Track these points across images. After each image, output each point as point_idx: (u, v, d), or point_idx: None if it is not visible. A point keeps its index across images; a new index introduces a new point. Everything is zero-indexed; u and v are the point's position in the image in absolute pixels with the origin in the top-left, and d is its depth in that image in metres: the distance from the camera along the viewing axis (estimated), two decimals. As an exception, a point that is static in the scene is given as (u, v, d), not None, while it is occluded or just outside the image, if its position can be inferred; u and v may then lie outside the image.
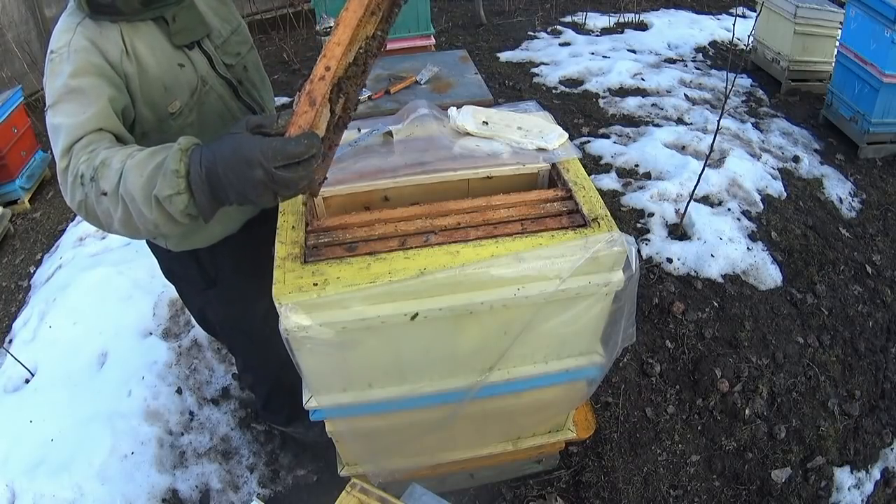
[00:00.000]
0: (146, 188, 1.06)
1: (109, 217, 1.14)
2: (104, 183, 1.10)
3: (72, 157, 1.16)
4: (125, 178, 1.08)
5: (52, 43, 1.27)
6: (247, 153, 0.99)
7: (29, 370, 2.47)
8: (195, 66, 1.42)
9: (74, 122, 1.18)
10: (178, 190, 1.04)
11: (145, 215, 1.08)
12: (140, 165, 1.08)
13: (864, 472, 2.32)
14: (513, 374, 1.49)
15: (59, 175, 1.19)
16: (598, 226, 1.34)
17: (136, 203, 1.08)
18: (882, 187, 3.63)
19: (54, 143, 1.21)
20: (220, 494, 2.15)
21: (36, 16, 4.66)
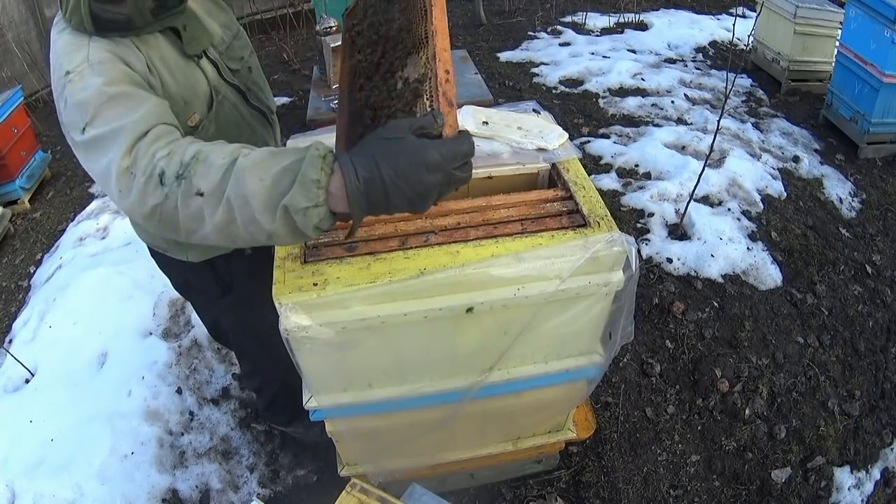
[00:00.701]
0: (271, 195, 0.93)
1: (198, 221, 0.99)
2: (201, 181, 0.97)
3: (138, 156, 1.01)
4: (238, 179, 0.95)
5: (63, 64, 1.15)
6: (427, 157, 0.90)
7: (29, 370, 2.47)
8: (207, 76, 1.40)
9: (133, 118, 1.06)
10: (317, 202, 0.93)
11: (260, 224, 0.95)
12: (259, 167, 0.95)
13: (864, 472, 2.32)
14: (513, 374, 1.49)
15: (118, 180, 1.02)
16: (598, 226, 1.34)
17: (250, 209, 0.95)
18: (882, 187, 3.63)
19: (104, 151, 1.05)
20: (220, 494, 2.15)
21: (36, 16, 4.66)
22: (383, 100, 1.13)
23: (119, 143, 1.03)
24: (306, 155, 0.94)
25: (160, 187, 0.99)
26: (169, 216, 1.01)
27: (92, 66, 1.14)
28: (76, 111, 1.10)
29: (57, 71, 1.17)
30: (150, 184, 0.99)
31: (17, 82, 4.23)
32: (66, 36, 1.21)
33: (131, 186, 1.01)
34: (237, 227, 0.97)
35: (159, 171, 0.99)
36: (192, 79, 1.36)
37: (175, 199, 0.99)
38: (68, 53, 1.17)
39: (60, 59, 1.17)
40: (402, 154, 0.91)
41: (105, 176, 1.06)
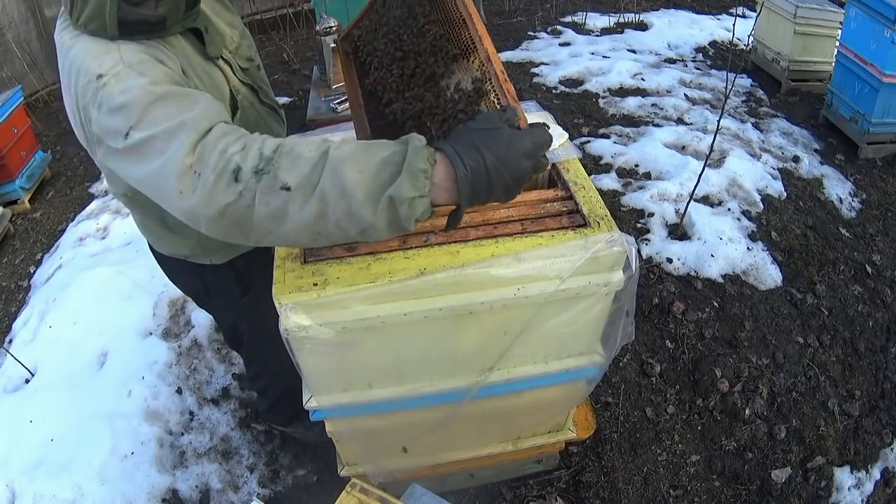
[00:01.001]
0: (373, 186, 0.92)
1: (278, 219, 0.95)
2: (287, 175, 0.93)
3: (204, 153, 0.95)
4: (335, 171, 0.92)
5: (92, 68, 1.07)
6: (524, 146, 0.96)
7: (29, 370, 2.47)
8: (226, 77, 1.39)
9: (192, 115, 0.99)
10: (423, 192, 0.93)
11: (359, 216, 0.93)
12: (357, 158, 0.93)
13: (864, 472, 2.32)
14: (513, 374, 1.49)
15: (179, 180, 0.96)
16: (598, 226, 1.34)
17: (348, 201, 0.92)
18: (882, 187, 3.63)
19: (156, 153, 0.98)
20: (220, 494, 2.15)
21: (36, 16, 4.66)
22: (432, 106, 1.18)
23: (179, 140, 0.97)
24: (408, 146, 0.94)
25: (234, 184, 0.93)
26: (241, 215, 0.95)
27: (130, 66, 1.07)
28: (117, 115, 1.02)
29: (82, 77, 1.08)
30: (222, 181, 0.93)
31: (17, 82, 4.23)
32: (84, 41, 1.13)
33: (196, 186, 0.95)
34: (327, 221, 0.94)
35: (234, 166, 0.94)
36: (216, 80, 1.35)
37: (251, 195, 0.93)
38: (96, 57, 1.09)
39: (85, 64, 1.09)
40: (501, 142, 0.95)
41: (159, 177, 0.99)
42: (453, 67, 1.20)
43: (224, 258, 1.59)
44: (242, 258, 1.62)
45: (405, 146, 0.95)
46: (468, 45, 1.18)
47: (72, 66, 1.12)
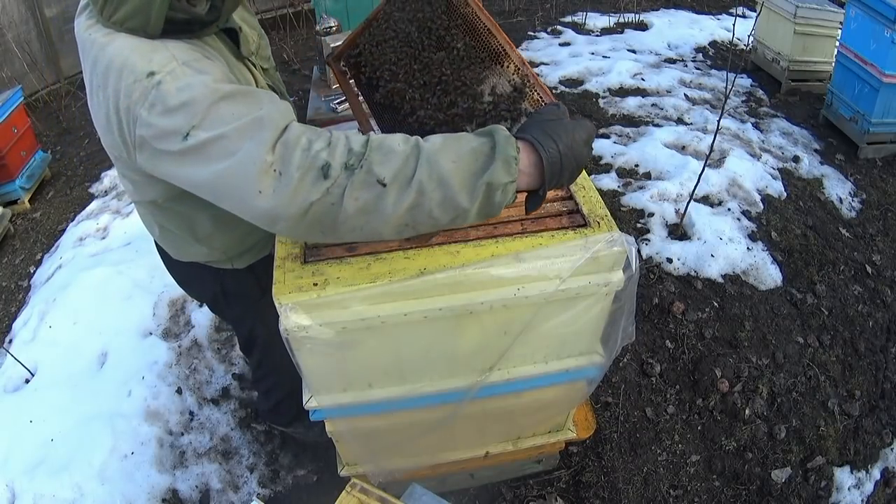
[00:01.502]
0: (469, 173, 0.96)
1: (369, 213, 0.95)
2: (381, 168, 0.93)
3: (285, 152, 0.93)
4: (430, 163, 0.95)
5: (140, 66, 1.01)
6: (583, 134, 1.05)
7: (29, 370, 2.47)
8: (255, 79, 1.38)
9: (265, 112, 0.97)
10: (514, 178, 0.99)
11: (456, 203, 0.96)
12: (448, 150, 0.97)
13: (864, 472, 2.32)
14: (513, 374, 1.49)
15: (258, 180, 0.93)
16: (598, 226, 1.34)
17: (445, 190, 0.95)
18: (882, 187, 3.63)
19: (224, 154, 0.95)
20: (220, 494, 2.15)
21: (36, 16, 4.66)
22: (470, 109, 1.25)
23: (256, 139, 0.94)
24: (495, 135, 0.99)
25: (321, 181, 0.92)
26: (325, 212, 0.95)
27: (186, 63, 1.03)
28: (177, 115, 0.98)
29: (126, 75, 1.02)
30: (308, 178, 0.92)
31: (17, 82, 4.23)
32: (123, 38, 1.06)
33: (277, 185, 0.93)
34: (421, 211, 0.97)
35: (321, 163, 0.93)
36: (249, 81, 1.34)
37: (339, 192, 0.93)
38: (143, 54, 1.03)
39: (130, 62, 1.03)
40: (567, 131, 1.03)
41: (232, 178, 0.96)
42: (485, 74, 1.27)
43: (245, 263, 1.58)
44: (262, 261, 1.60)
45: (492, 136, 1.00)
46: (498, 51, 1.26)
47: (111, 64, 1.04)
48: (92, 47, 1.10)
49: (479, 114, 1.27)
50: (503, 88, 1.27)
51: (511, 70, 1.28)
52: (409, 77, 1.30)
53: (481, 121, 1.26)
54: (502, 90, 1.27)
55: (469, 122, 1.27)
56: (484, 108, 1.26)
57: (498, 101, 1.26)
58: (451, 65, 1.27)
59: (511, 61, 1.27)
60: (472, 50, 1.29)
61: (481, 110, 1.26)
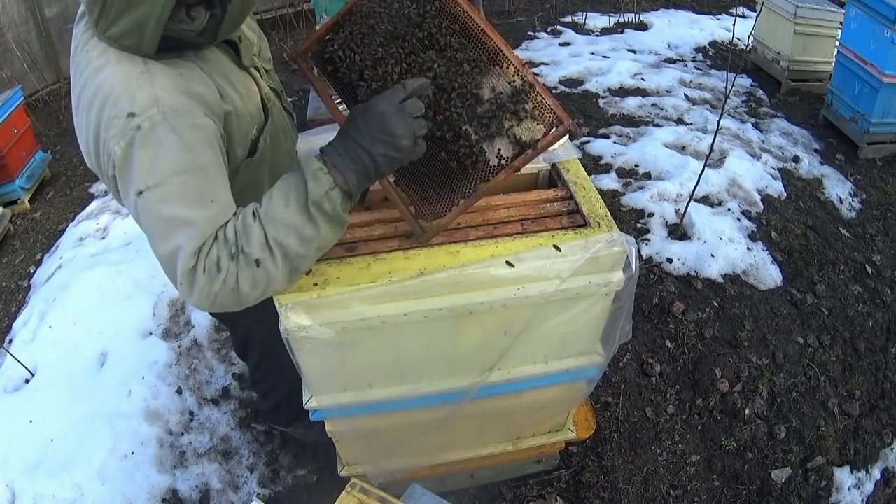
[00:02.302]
0: (299, 207, 1.06)
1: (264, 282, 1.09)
2: (251, 248, 1.06)
3: (200, 257, 1.07)
4: (272, 219, 1.07)
5: (123, 102, 1.06)
6: (375, 104, 1.09)
7: (29, 370, 2.47)
8: (258, 85, 1.38)
9: (203, 216, 1.07)
10: (330, 185, 1.07)
11: (308, 236, 1.08)
12: (276, 201, 1.08)
13: (864, 472, 2.32)
14: (513, 374, 1.49)
15: (184, 277, 1.07)
16: (598, 226, 1.34)
17: (297, 231, 1.07)
18: (882, 187, 3.63)
19: (166, 235, 1.07)
20: (220, 494, 2.15)
21: (36, 16, 4.66)
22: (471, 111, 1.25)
23: (188, 239, 1.06)
24: (301, 162, 1.10)
25: (218, 275, 1.06)
26: (229, 296, 1.08)
27: (165, 115, 1.06)
28: (141, 167, 1.05)
29: (108, 108, 1.06)
30: (211, 276, 1.06)
31: (17, 82, 4.23)
32: (112, 66, 1.09)
33: (194, 283, 1.07)
34: (291, 257, 1.09)
35: (215, 260, 1.06)
36: (251, 90, 1.33)
37: (234, 278, 1.07)
38: (128, 90, 1.06)
39: (114, 94, 1.06)
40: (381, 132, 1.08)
41: (162, 260, 1.10)
42: (482, 73, 1.27)
43: None
44: None
45: (297, 165, 1.11)
46: (494, 51, 1.26)
47: (98, 92, 1.08)
48: (86, 68, 1.12)
49: (478, 113, 1.26)
50: (503, 88, 1.26)
51: (511, 72, 1.27)
52: (398, 76, 1.25)
53: (482, 120, 1.25)
54: (502, 90, 1.26)
55: (469, 123, 1.26)
56: (484, 108, 1.25)
57: (498, 100, 1.25)
58: (444, 64, 1.24)
59: (510, 63, 1.27)
60: (467, 49, 1.26)
61: (482, 110, 1.26)
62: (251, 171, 1.37)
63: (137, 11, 1.03)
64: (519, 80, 1.26)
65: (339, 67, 1.27)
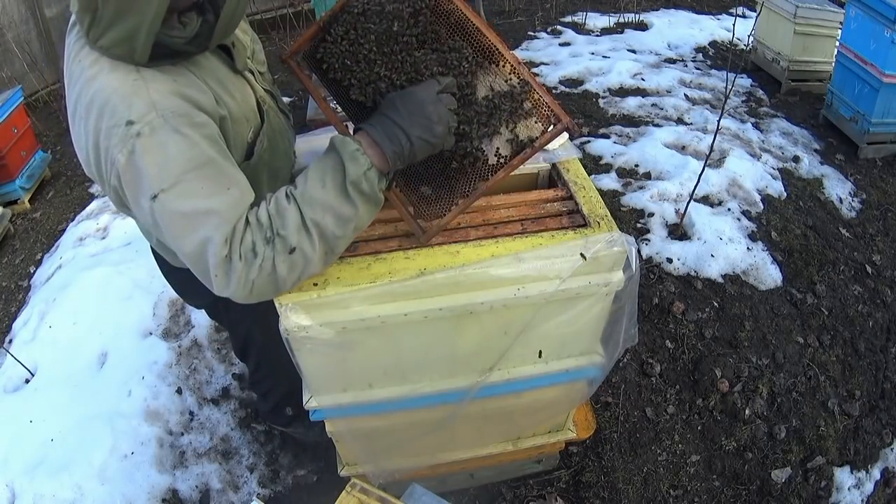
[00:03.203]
0: (336, 187, 1.09)
1: (300, 264, 1.10)
2: (288, 231, 1.07)
3: (233, 245, 1.06)
4: (308, 203, 1.08)
5: (120, 110, 1.05)
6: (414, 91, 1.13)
7: (29, 370, 2.47)
8: (253, 88, 1.37)
9: (227, 203, 1.07)
10: (368, 165, 1.09)
11: (346, 215, 1.10)
12: (311, 181, 1.10)
13: (864, 472, 2.32)
14: (513, 374, 1.49)
15: (218, 268, 1.06)
16: (598, 226, 1.34)
17: (334, 212, 1.09)
18: (882, 187, 3.63)
19: (191, 228, 1.06)
20: (220, 494, 2.15)
21: (36, 16, 4.66)
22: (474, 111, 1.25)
23: (215, 229, 1.05)
24: (335, 143, 1.11)
25: (254, 260, 1.07)
26: (266, 282, 1.09)
27: (164, 117, 1.05)
28: (151, 172, 1.04)
29: (106, 117, 1.05)
30: (245, 263, 1.06)
31: (17, 82, 4.23)
32: (106, 75, 1.08)
33: (230, 273, 1.07)
34: (328, 237, 1.11)
35: (250, 247, 1.07)
36: (245, 94, 1.33)
37: (270, 262, 1.07)
38: (124, 98, 1.06)
39: (111, 104, 1.06)
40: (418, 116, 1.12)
41: (193, 257, 1.09)
42: (479, 72, 1.27)
43: None
44: None
45: (333, 146, 1.12)
46: (490, 50, 1.26)
47: (93, 101, 1.07)
48: (79, 78, 1.11)
49: (476, 112, 1.25)
50: (500, 87, 1.26)
51: (508, 70, 1.27)
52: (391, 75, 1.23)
53: (479, 119, 1.25)
54: (499, 88, 1.26)
55: (467, 122, 1.25)
56: (481, 107, 1.25)
57: (495, 99, 1.25)
58: (439, 63, 1.23)
59: (506, 62, 1.26)
60: (462, 48, 1.25)
61: (479, 111, 1.25)
62: (248, 174, 1.36)
63: (128, 22, 1.02)
64: (516, 78, 1.26)
65: (331, 68, 1.25)
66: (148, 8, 1.01)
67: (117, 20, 1.03)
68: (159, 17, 1.03)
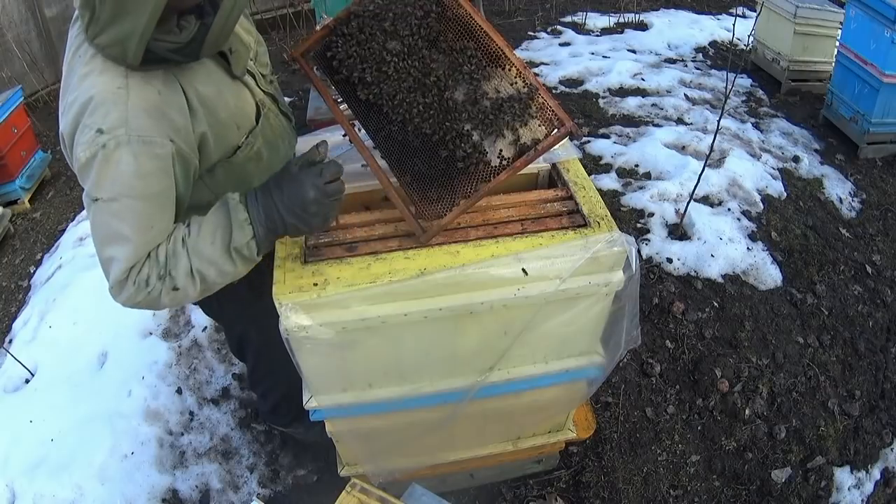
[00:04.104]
0: (222, 248, 1.19)
1: (179, 299, 1.24)
2: (178, 274, 1.20)
3: (132, 273, 1.19)
4: (196, 252, 1.19)
5: (97, 117, 1.11)
6: (303, 182, 1.17)
7: (29, 370, 2.47)
8: (252, 92, 1.39)
9: (142, 240, 1.18)
10: (252, 234, 1.19)
11: (226, 271, 1.22)
12: (204, 237, 1.20)
13: (864, 472, 2.32)
14: (513, 374, 1.49)
15: (116, 283, 1.20)
16: (598, 226, 1.34)
17: (216, 267, 1.20)
18: (882, 187, 3.63)
19: (107, 244, 1.18)
20: (220, 494, 2.15)
21: (36, 16, 4.66)
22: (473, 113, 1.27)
23: (123, 255, 1.17)
24: (229, 204, 1.20)
25: (145, 289, 1.20)
26: (149, 303, 1.23)
27: (130, 139, 1.11)
28: (98, 180, 1.14)
29: (88, 116, 1.12)
30: (139, 289, 1.20)
31: (17, 82, 4.23)
32: (95, 76, 1.13)
33: (122, 291, 1.21)
34: (208, 283, 1.23)
35: (145, 278, 1.19)
36: (241, 99, 1.35)
37: (157, 293, 1.21)
38: (102, 103, 1.11)
39: (90, 107, 1.12)
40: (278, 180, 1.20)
41: (102, 260, 1.22)
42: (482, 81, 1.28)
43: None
44: (255, 267, 1.60)
45: (226, 205, 1.21)
46: (497, 54, 1.27)
47: (77, 97, 1.14)
48: (75, 73, 1.17)
49: (479, 114, 1.27)
50: (504, 90, 1.27)
51: (513, 73, 1.28)
52: (399, 78, 1.26)
53: (483, 120, 1.26)
54: (504, 91, 1.27)
55: (470, 122, 1.27)
56: (486, 109, 1.26)
57: (500, 101, 1.26)
58: (446, 65, 1.25)
59: (511, 66, 1.27)
60: (469, 51, 1.27)
61: (482, 110, 1.26)
62: (231, 169, 1.39)
63: (122, 25, 1.05)
64: (521, 81, 1.27)
65: (341, 67, 1.28)
66: (143, 11, 1.03)
67: (113, 23, 1.06)
68: (153, 22, 1.04)
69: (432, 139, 1.28)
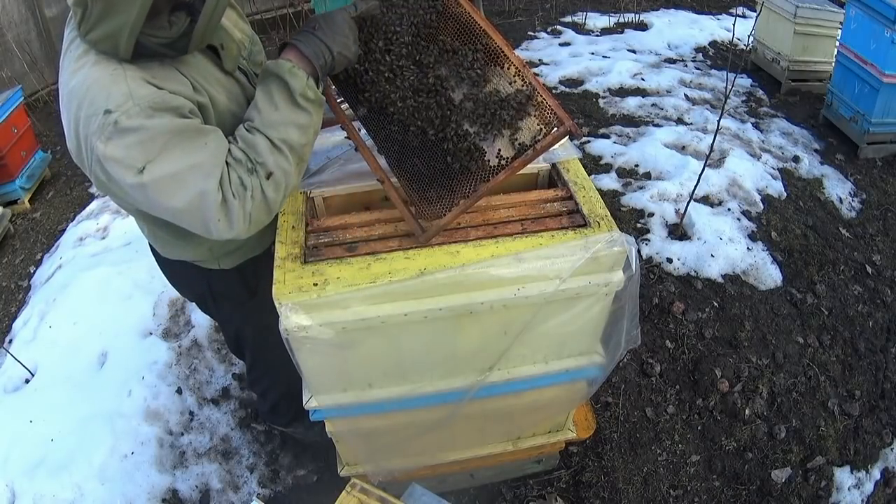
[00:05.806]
0: (288, 104, 1.20)
1: (281, 184, 1.21)
2: (263, 156, 1.19)
3: (225, 188, 1.16)
4: (268, 126, 1.20)
5: (99, 101, 1.11)
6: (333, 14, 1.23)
7: (29, 370, 2.47)
8: (243, 88, 1.40)
9: (207, 155, 1.15)
10: (305, 76, 1.20)
11: (303, 124, 1.22)
12: (265, 109, 1.21)
13: (864, 472, 2.32)
14: (513, 374, 1.49)
15: (218, 212, 1.16)
16: (598, 226, 1.34)
17: (295, 124, 1.20)
18: (882, 187, 3.63)
19: (181, 187, 1.13)
20: (220, 494, 2.15)
21: (36, 16, 4.66)
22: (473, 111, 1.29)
23: (205, 179, 1.14)
24: (268, 69, 1.22)
25: (245, 192, 1.17)
26: (261, 208, 1.20)
27: (139, 105, 1.11)
28: (133, 151, 1.11)
29: (85, 107, 1.12)
30: (240, 197, 1.17)
31: (17, 82, 4.23)
32: (88, 68, 1.14)
33: (229, 213, 1.17)
34: (300, 146, 1.22)
35: (239, 183, 1.17)
36: (234, 93, 1.36)
37: (259, 189, 1.19)
38: (103, 88, 1.12)
39: (90, 95, 1.12)
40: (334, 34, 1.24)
41: (193, 211, 1.16)
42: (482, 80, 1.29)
43: (233, 263, 1.58)
44: (251, 262, 1.61)
45: (267, 71, 1.23)
46: (496, 52, 1.28)
47: (74, 91, 1.14)
48: (68, 69, 1.19)
49: (478, 113, 1.27)
50: (504, 89, 1.27)
51: (512, 72, 1.28)
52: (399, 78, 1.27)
53: (482, 120, 1.27)
54: (503, 90, 1.27)
55: (471, 123, 1.27)
56: (485, 108, 1.26)
57: (499, 101, 1.27)
58: (445, 64, 1.26)
59: (511, 63, 1.27)
60: (468, 50, 1.28)
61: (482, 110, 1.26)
62: None
63: (113, 20, 1.08)
64: (520, 80, 1.27)
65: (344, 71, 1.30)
66: (132, 7, 1.06)
67: (104, 18, 1.09)
68: (140, 20, 1.08)
69: (432, 139, 1.28)
